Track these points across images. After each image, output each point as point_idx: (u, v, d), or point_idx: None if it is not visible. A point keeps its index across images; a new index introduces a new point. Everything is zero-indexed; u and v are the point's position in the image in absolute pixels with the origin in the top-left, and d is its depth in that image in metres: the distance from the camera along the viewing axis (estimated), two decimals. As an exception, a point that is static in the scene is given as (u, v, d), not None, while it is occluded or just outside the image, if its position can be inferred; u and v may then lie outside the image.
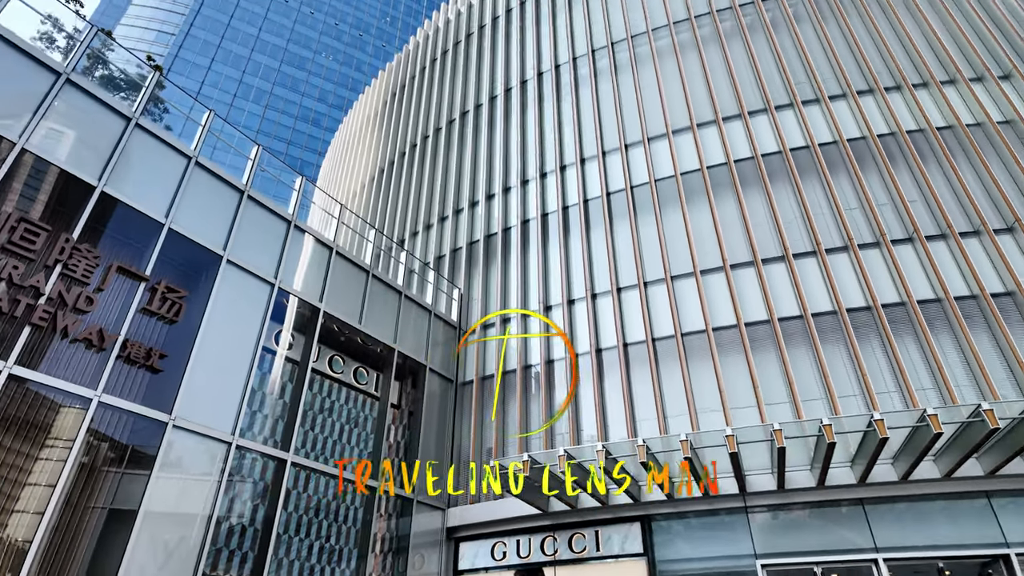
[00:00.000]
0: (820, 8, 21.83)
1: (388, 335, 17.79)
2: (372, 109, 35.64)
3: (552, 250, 20.73)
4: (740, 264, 17.28)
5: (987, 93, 18.57)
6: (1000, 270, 15.23)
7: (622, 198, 20.30)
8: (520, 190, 22.73)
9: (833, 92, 19.66)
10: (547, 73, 25.31)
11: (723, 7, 22.97)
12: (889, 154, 17.93)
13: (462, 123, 27.00)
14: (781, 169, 18.58)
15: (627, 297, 18.34)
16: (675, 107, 21.26)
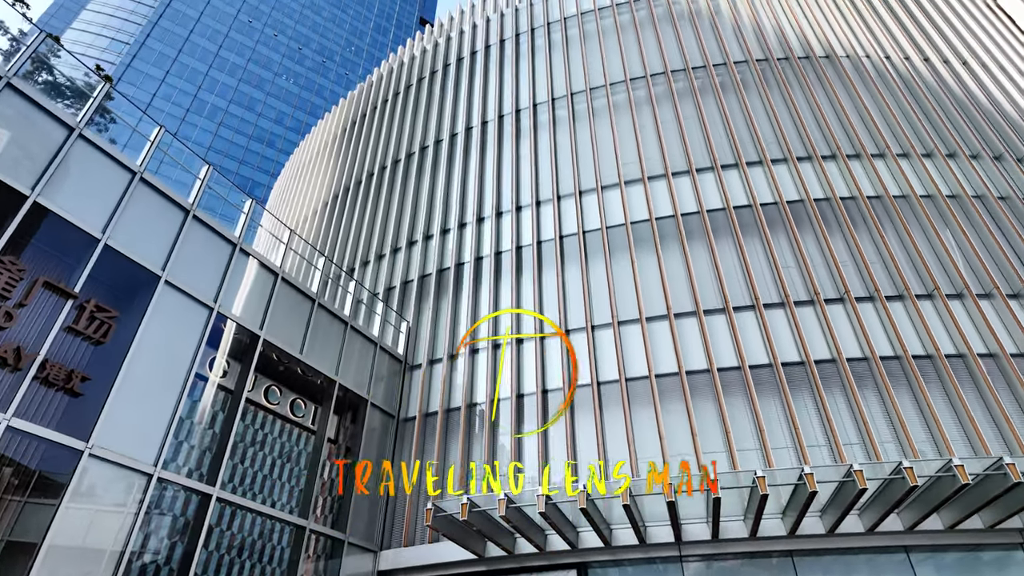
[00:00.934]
0: (766, 77, 23.31)
1: (330, 366, 17.31)
2: (331, 135, 35.43)
3: (504, 289, 20.84)
4: (684, 314, 17.78)
5: (911, 168, 20.12)
6: (921, 334, 16.25)
7: (574, 242, 20.71)
8: (475, 227, 22.89)
9: (775, 156, 20.86)
10: (507, 116, 25.89)
11: (677, 68, 24.22)
12: (824, 218, 19.05)
13: (421, 157, 27.15)
14: (724, 225, 19.43)
15: (575, 340, 18.54)
16: (628, 159, 22.05)
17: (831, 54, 23.90)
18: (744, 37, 24.84)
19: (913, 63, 24.03)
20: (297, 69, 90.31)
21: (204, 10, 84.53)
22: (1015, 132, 21.86)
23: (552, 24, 28.53)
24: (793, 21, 25.43)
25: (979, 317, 16.31)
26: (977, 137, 21.26)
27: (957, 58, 24.71)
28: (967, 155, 20.52)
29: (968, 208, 18.91)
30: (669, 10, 26.67)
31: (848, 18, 25.84)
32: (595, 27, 27.38)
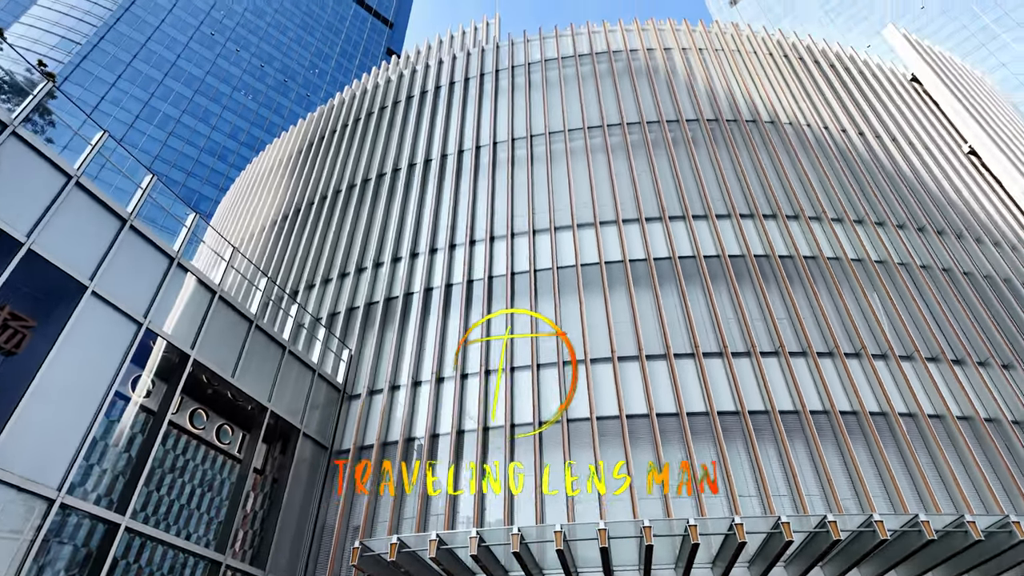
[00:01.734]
0: (715, 136, 24.49)
1: (263, 392, 16.61)
2: (286, 154, 34.88)
3: (452, 322, 20.66)
4: (627, 358, 18.03)
5: (844, 233, 21.36)
6: (848, 391, 16.99)
7: (525, 280, 20.84)
8: (427, 258, 22.76)
9: (720, 211, 21.76)
10: (467, 152, 26.17)
11: (633, 121, 25.16)
12: (763, 274, 19.89)
13: (377, 184, 26.99)
14: (669, 274, 19.99)
15: (519, 377, 18.48)
16: (581, 202, 22.56)
17: (776, 120, 25.39)
18: (697, 97, 26.13)
19: (849, 135, 25.77)
20: (257, 86, 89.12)
21: (165, 18, 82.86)
22: (936, 206, 23.61)
23: (516, 68, 29.29)
24: (742, 86, 26.96)
25: (901, 378, 17.21)
26: (903, 208, 22.84)
27: (887, 134, 26.67)
28: (894, 224, 21.98)
29: (893, 274, 20.15)
30: (628, 65, 27.86)
31: (792, 88, 27.60)
32: (557, 75, 28.26)
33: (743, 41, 29.86)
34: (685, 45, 29.00)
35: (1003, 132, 30.40)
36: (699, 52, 28.63)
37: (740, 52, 29.10)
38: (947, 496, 15.10)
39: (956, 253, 21.77)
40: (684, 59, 28.17)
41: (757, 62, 28.70)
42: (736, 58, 28.63)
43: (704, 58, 28.42)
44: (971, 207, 24.49)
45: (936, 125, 29.15)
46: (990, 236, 23.40)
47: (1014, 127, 32.88)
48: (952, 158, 27.14)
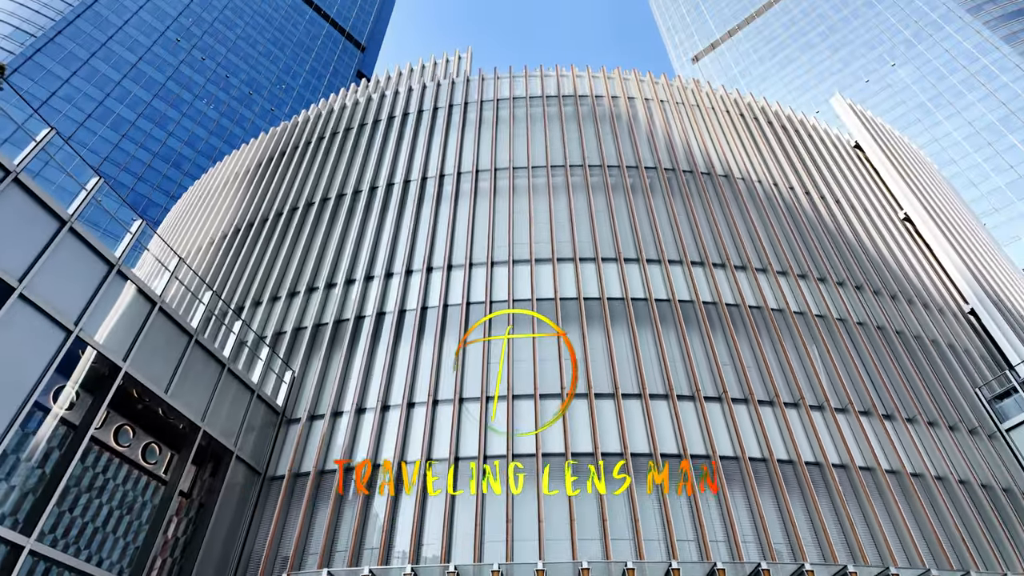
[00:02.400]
0: (671, 185, 25.33)
1: (197, 411, 15.87)
2: (244, 166, 34.16)
3: (402, 349, 20.35)
4: (578, 395, 18.09)
5: (788, 286, 22.25)
6: (786, 439, 17.47)
7: (480, 310, 20.79)
8: (383, 281, 22.47)
9: (672, 257, 22.38)
10: (431, 179, 26.22)
11: (594, 163, 25.82)
12: (710, 320, 20.45)
13: (336, 204, 26.67)
14: (621, 314, 20.33)
15: (468, 408, 18.25)
16: (540, 238, 22.83)
17: (729, 174, 26.51)
18: (656, 146, 27.09)
19: (796, 194, 27.11)
20: (220, 95, 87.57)
21: (129, 20, 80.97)
22: (872, 267, 24.94)
23: (485, 102, 29.78)
24: (699, 139, 28.13)
25: (835, 429, 17.83)
26: (843, 267, 24.03)
27: (831, 195, 28.19)
28: (834, 281, 23.06)
29: (832, 328, 21.05)
30: (593, 110, 28.72)
31: (746, 145, 28.96)
32: (524, 112, 28.86)
33: (702, 97, 31.28)
34: (648, 96, 30.16)
35: (934, 202, 32.57)
36: (660, 104, 29.80)
37: (699, 107, 30.44)
38: (874, 547, 15.56)
39: (889, 312, 22.95)
40: (646, 109, 29.26)
41: (714, 118, 30.06)
42: (695, 112, 29.91)
43: (665, 110, 29.59)
44: (904, 270, 25.98)
45: (875, 191, 31.01)
46: (919, 298, 24.80)
47: (944, 199, 35.30)
48: (889, 223, 28.84)
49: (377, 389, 19.23)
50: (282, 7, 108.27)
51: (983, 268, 29.53)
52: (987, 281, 28.14)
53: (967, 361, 23.10)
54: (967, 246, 30.47)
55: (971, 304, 25.86)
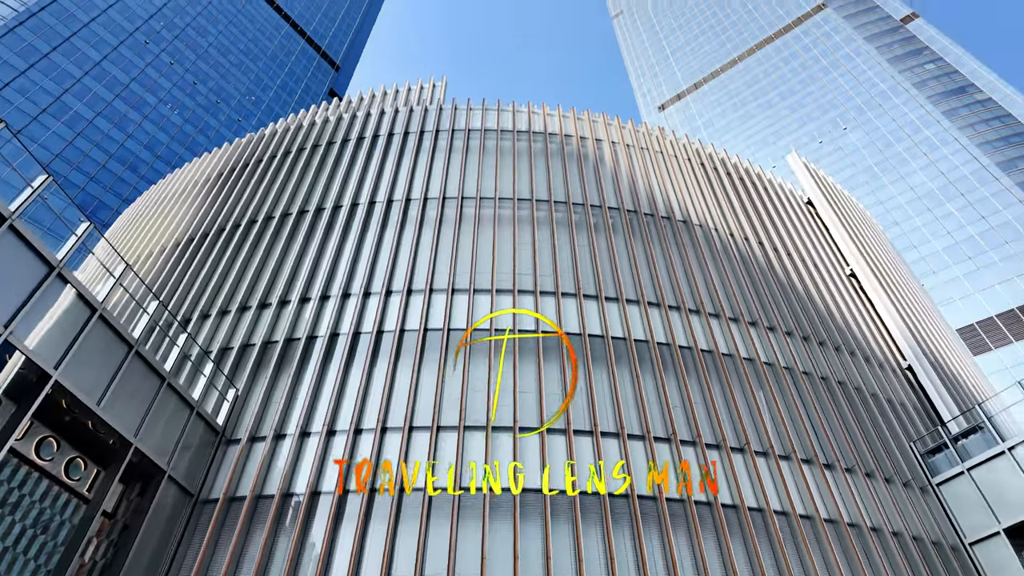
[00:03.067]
0: (632, 226, 25.90)
1: (130, 426, 15.06)
2: (205, 174, 33.35)
3: (353, 372, 19.89)
4: (527, 428, 17.98)
5: (739, 332, 22.84)
6: (730, 484, 17.69)
7: (438, 338, 20.59)
8: (338, 302, 22.05)
9: (630, 296, 22.76)
10: (396, 203, 26.10)
11: (560, 200, 26.24)
12: (663, 361, 20.76)
13: (297, 220, 26.22)
14: (578, 349, 20.46)
15: (417, 438, 17.87)
16: (503, 270, 22.91)
17: (688, 220, 27.33)
18: (620, 187, 27.77)
19: (750, 243, 28.10)
20: (186, 102, 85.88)
21: (97, 17, 79.11)
22: (819, 319, 25.89)
23: (457, 131, 30.05)
24: (661, 184, 28.99)
25: (778, 476, 18.18)
26: (792, 317, 24.87)
27: (783, 248, 29.31)
28: (783, 331, 23.81)
29: (779, 376, 21.65)
30: (561, 148, 29.33)
31: (705, 193, 29.97)
32: (495, 144, 29.24)
33: (666, 144, 32.35)
34: (615, 139, 31.02)
35: (878, 261, 34.24)
36: (626, 148, 30.67)
37: (663, 154, 31.45)
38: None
39: (833, 364, 23.78)
40: (612, 152, 30.05)
41: (676, 165, 31.08)
42: (659, 159, 30.88)
43: (630, 154, 30.45)
44: (848, 323, 27.06)
45: (824, 246, 32.41)
46: (861, 352, 25.82)
47: (887, 258, 37.17)
48: (835, 278, 30.12)
49: (324, 413, 18.68)
50: (258, 20, 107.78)
51: (920, 326, 31.02)
52: (924, 339, 29.55)
53: (903, 415, 24.05)
54: (907, 304, 32.02)
55: (908, 360, 27.05)
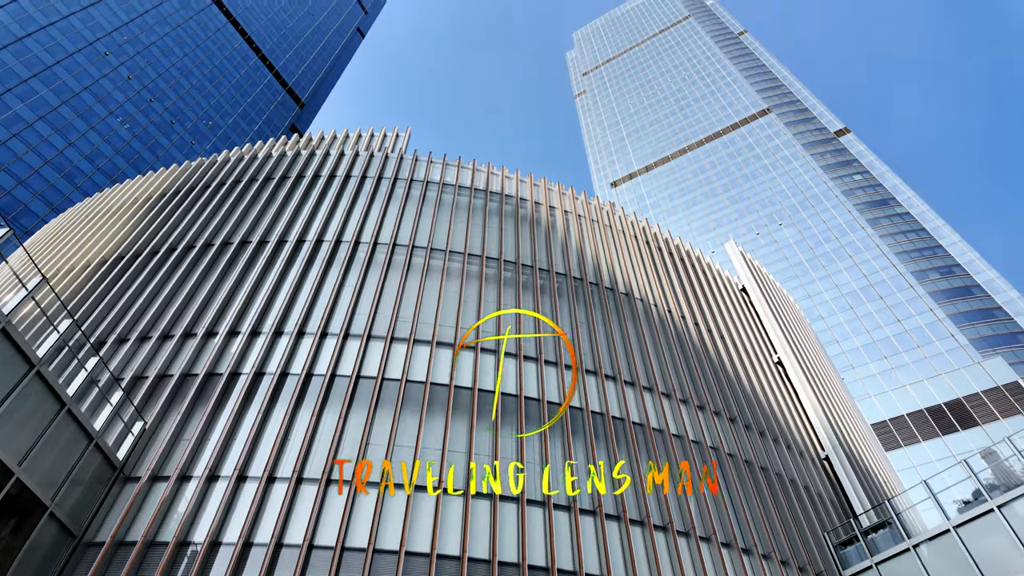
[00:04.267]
0: (577, 293, 26.37)
1: (15, 453, 13.65)
2: (146, 193, 32.08)
3: (275, 415, 18.88)
4: (423, 488, 17.39)
5: (670, 408, 23.20)
6: (651, 563, 17.47)
7: (370, 386, 19.92)
8: (269, 339, 21.14)
9: (568, 361, 22.89)
10: (344, 244, 25.73)
11: (510, 260, 26.56)
12: (595, 430, 20.74)
13: (237, 251, 25.38)
14: (512, 409, 20.21)
15: (332, 492, 16.94)
16: (446, 322, 22.70)
17: (630, 293, 28.09)
18: (568, 255, 28.41)
19: (687, 322, 29.02)
20: (139, 118, 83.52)
21: (56, 22, 77.02)
22: (746, 402, 26.68)
23: (415, 181, 30.27)
24: (607, 256, 29.85)
25: (698, 558, 18.11)
26: (720, 398, 25.53)
27: (716, 330, 30.40)
28: (712, 410, 24.36)
29: (705, 455, 21.95)
30: (516, 210, 29.93)
31: (648, 269, 31.02)
32: (451, 199, 29.56)
33: (615, 219, 33.57)
34: (567, 208, 31.97)
35: (803, 352, 35.95)
36: (577, 217, 31.62)
37: (611, 228, 32.56)
38: None
39: (756, 448, 24.38)
40: (564, 219, 30.89)
41: (623, 240, 32.18)
42: (607, 232, 31.93)
43: (581, 224, 31.38)
44: (772, 410, 27.98)
45: (755, 332, 33.83)
46: (784, 438, 26.63)
47: (812, 350, 39.09)
48: (764, 363, 31.33)
49: (237, 456, 17.53)
50: (227, 48, 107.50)
51: (839, 419, 32.42)
52: (841, 431, 30.83)
53: (819, 505, 24.69)
54: (827, 396, 33.51)
55: (827, 451, 28.05)
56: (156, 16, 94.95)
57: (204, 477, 16.88)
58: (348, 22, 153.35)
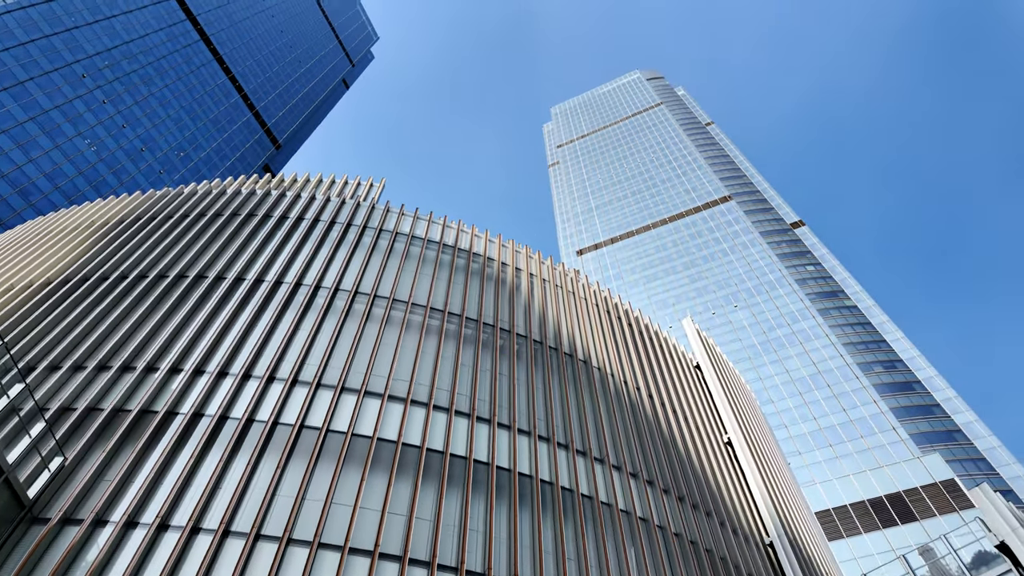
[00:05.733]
0: (536, 357, 26.31)
1: (-87, 482, 12.45)
2: (103, 217, 31.15)
3: (209, 460, 17.84)
4: (359, 551, 16.52)
5: (620, 482, 22.89)
6: (590, 645, 16.72)
7: (313, 436, 19.12)
8: (212, 379, 20.25)
9: (522, 427, 22.54)
10: (304, 287, 25.28)
11: (472, 317, 26.47)
12: (543, 499, 20.21)
13: (192, 285, 24.63)
14: (460, 473, 19.60)
15: (261, 548, 15.89)
16: (401, 375, 22.22)
17: (587, 361, 28.17)
18: (530, 317, 28.52)
19: (641, 395, 29.13)
20: (108, 142, 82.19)
21: (36, 40, 76.44)
22: (695, 481, 26.56)
23: (384, 231, 30.31)
24: (568, 322, 30.07)
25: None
26: (670, 475, 25.36)
27: (670, 405, 30.57)
28: (660, 487, 24.13)
29: (651, 533, 21.56)
30: (482, 269, 30.13)
31: (607, 339, 31.30)
32: (419, 252, 29.62)
33: (578, 287, 34.07)
34: (532, 271, 32.36)
35: (753, 434, 36.32)
36: (542, 281, 31.99)
37: (574, 294, 32.99)
38: None
39: (703, 529, 24.10)
40: (528, 282, 31.20)
41: (585, 307, 32.57)
42: (570, 298, 32.31)
43: (544, 288, 31.71)
44: (720, 490, 27.90)
45: (707, 410, 34.13)
46: (730, 522, 26.44)
47: (761, 433, 39.55)
48: (714, 442, 31.46)
49: (162, 502, 16.38)
50: (209, 83, 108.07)
51: (784, 505, 32.49)
52: (786, 518, 30.83)
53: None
54: (774, 481, 33.67)
55: (771, 537, 27.92)
56: (141, 46, 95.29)
57: (121, 523, 15.66)
58: (334, 73, 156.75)
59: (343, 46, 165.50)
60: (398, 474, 18.73)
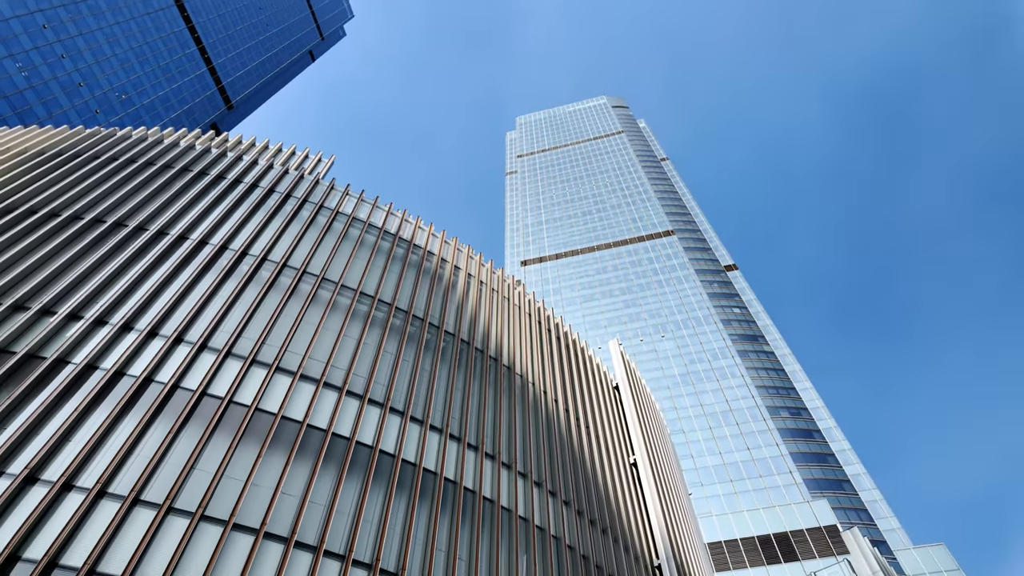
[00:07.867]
0: (473, 364, 26.24)
1: None
2: (20, 147, 28.88)
3: (95, 415, 16.76)
4: (275, 536, 15.99)
5: (523, 490, 23.07)
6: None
7: (213, 405, 18.30)
8: (115, 331, 19.07)
9: (454, 432, 22.38)
10: (230, 251, 24.31)
11: (402, 307, 26.15)
12: (444, 496, 20.12)
13: (109, 231, 23.57)
14: (364, 462, 19.25)
15: (137, 512, 15.05)
16: (318, 356, 21.62)
17: (512, 367, 28.33)
18: (462, 317, 28.44)
19: (558, 407, 29.52)
20: (42, 69, 76.47)
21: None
22: (597, 499, 27.08)
23: (324, 207, 29.56)
24: (499, 327, 30.17)
25: (516, 649, 17.55)
26: (573, 488, 25.77)
27: (584, 420, 31.12)
28: (562, 499, 24.48)
29: (546, 543, 21.82)
30: (421, 261, 29.85)
31: (534, 349, 31.60)
32: (358, 234, 29.04)
33: (515, 295, 34.30)
34: (472, 272, 32.33)
35: (658, 460, 37.46)
36: (480, 283, 32.00)
37: (509, 301, 33.18)
38: None
39: (596, 545, 24.59)
40: (465, 282, 31.14)
41: (518, 316, 32.80)
42: (504, 304, 32.47)
43: (481, 291, 31.74)
44: (619, 510, 28.59)
45: (618, 431, 34.97)
46: (624, 540, 27.12)
47: (667, 460, 40.85)
48: (620, 462, 32.24)
49: (33, 453, 15.23)
50: (166, 29, 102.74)
51: (677, 531, 33.61)
52: (678, 544, 31.89)
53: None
54: (671, 507, 34.80)
55: (660, 560, 28.79)
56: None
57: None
58: (302, 42, 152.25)
59: (315, 16, 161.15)
60: (298, 455, 18.19)
